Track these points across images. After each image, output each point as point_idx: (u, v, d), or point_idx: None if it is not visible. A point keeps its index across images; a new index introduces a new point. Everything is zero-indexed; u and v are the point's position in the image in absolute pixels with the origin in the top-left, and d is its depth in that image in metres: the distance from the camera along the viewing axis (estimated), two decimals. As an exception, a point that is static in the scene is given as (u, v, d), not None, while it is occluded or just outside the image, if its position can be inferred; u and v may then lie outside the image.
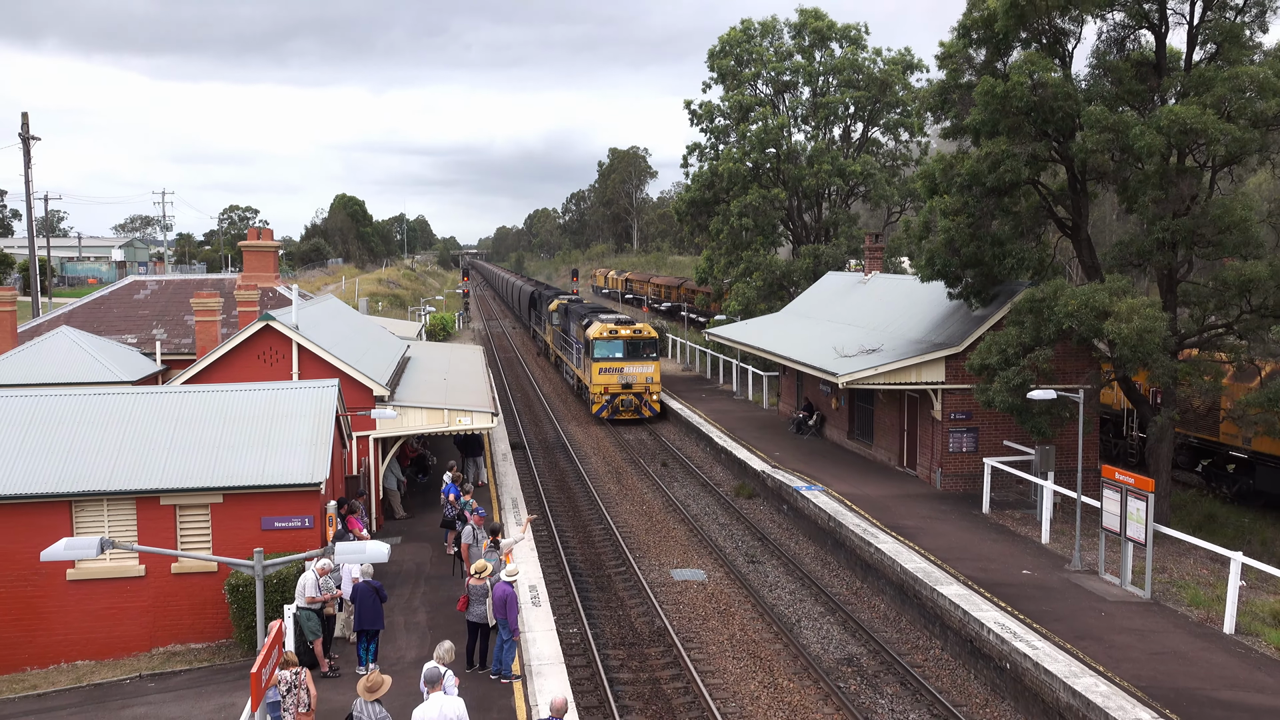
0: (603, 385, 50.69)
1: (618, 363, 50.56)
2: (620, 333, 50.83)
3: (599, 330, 50.85)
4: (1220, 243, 27.61)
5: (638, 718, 20.37)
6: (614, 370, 50.49)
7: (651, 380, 51.12)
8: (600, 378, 50.58)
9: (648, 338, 51.37)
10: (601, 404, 50.84)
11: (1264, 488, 32.41)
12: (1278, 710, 17.54)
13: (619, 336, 50.65)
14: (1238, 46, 27.90)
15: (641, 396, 50.95)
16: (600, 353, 50.40)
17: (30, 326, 38.34)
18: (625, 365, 50.62)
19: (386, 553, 13.13)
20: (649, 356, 51.15)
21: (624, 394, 50.74)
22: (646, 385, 50.96)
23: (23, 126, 53.81)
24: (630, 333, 51.04)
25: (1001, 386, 28.17)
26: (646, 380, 50.96)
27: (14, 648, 22.04)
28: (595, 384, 50.86)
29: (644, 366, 50.93)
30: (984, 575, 24.45)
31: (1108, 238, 48.94)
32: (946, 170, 30.86)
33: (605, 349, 50.43)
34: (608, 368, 50.49)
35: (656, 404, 51.57)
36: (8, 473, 22.08)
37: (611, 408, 50.84)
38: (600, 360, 50.44)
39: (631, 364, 50.71)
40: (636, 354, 50.77)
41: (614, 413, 50.89)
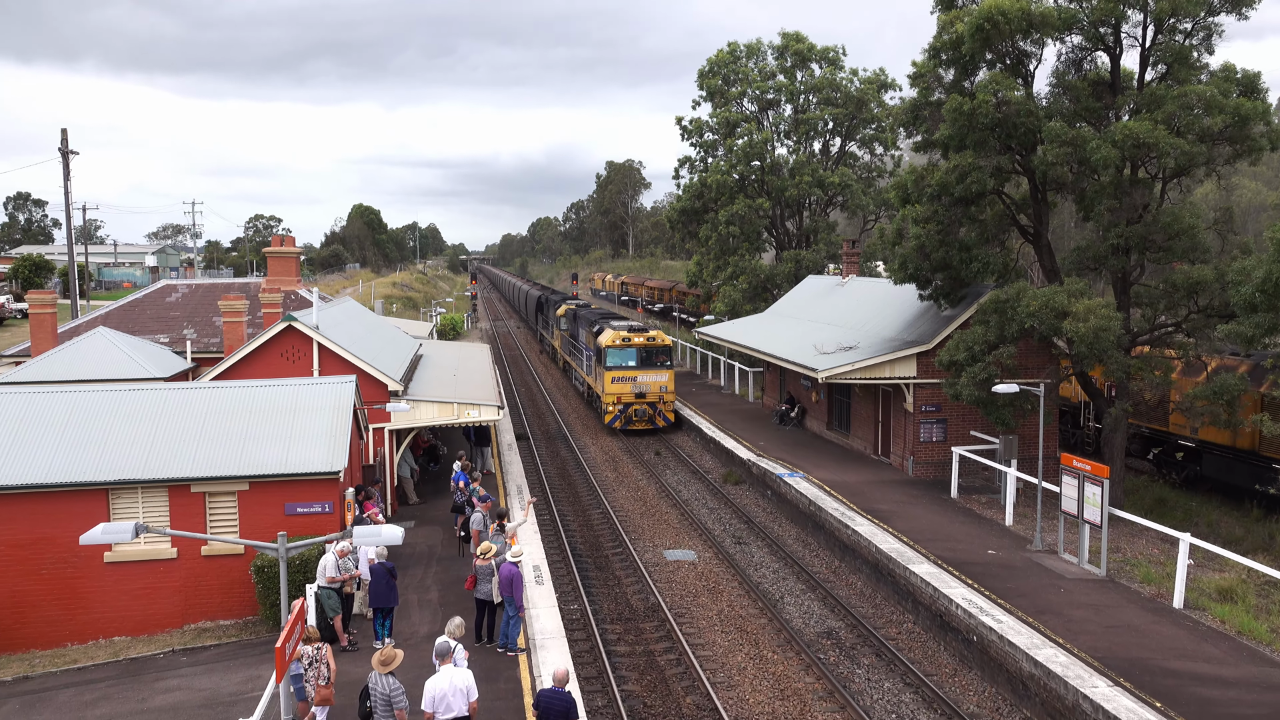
0: (616, 395, 45.25)
1: (631, 371, 45.16)
2: (633, 340, 45.40)
3: (611, 338, 45.38)
4: (1170, 248, 27.67)
5: (634, 687, 20.38)
6: (627, 379, 45.13)
7: (666, 389, 45.68)
8: (613, 387, 45.24)
9: (661, 345, 45.78)
10: (614, 414, 45.46)
11: (1210, 474, 32.49)
12: (1223, 678, 17.60)
13: (632, 344, 45.24)
14: (1186, 67, 27.92)
15: (655, 406, 45.53)
16: (613, 361, 45.09)
17: (70, 327, 38.25)
18: (639, 374, 45.18)
19: (401, 536, 13.13)
20: (662, 364, 45.64)
21: (638, 404, 45.31)
22: (660, 394, 45.54)
23: (62, 142, 53.67)
24: (643, 340, 45.51)
25: (968, 381, 28.21)
26: (660, 389, 45.51)
27: (56, 625, 22.03)
28: (608, 393, 45.45)
29: (658, 375, 45.40)
30: (952, 555, 24.49)
31: (1066, 244, 49.03)
32: (918, 181, 30.87)
33: (618, 357, 45.13)
34: (621, 376, 45.12)
35: (671, 413, 46.28)
36: (49, 463, 22.06)
37: (625, 418, 45.43)
38: (613, 369, 45.08)
39: (645, 372, 45.24)
40: (650, 362, 45.39)
41: (627, 423, 45.51)
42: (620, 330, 46.37)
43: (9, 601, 21.83)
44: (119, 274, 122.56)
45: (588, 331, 52.09)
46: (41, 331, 33.44)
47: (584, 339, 53.73)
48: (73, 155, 53.85)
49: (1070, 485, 24.08)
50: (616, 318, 55.94)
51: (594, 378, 49.59)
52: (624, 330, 46.46)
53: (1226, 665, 18.17)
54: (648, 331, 46.82)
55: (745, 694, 19.96)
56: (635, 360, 45.27)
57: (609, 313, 62.90)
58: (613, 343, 45.18)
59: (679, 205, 62.41)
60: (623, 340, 45.28)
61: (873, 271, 54.30)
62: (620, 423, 45.48)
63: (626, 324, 49.64)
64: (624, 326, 48.06)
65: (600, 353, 46.29)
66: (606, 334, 46.25)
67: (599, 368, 46.88)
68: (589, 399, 53.90)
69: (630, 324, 49.64)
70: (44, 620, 21.98)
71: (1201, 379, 30.30)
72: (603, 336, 46.39)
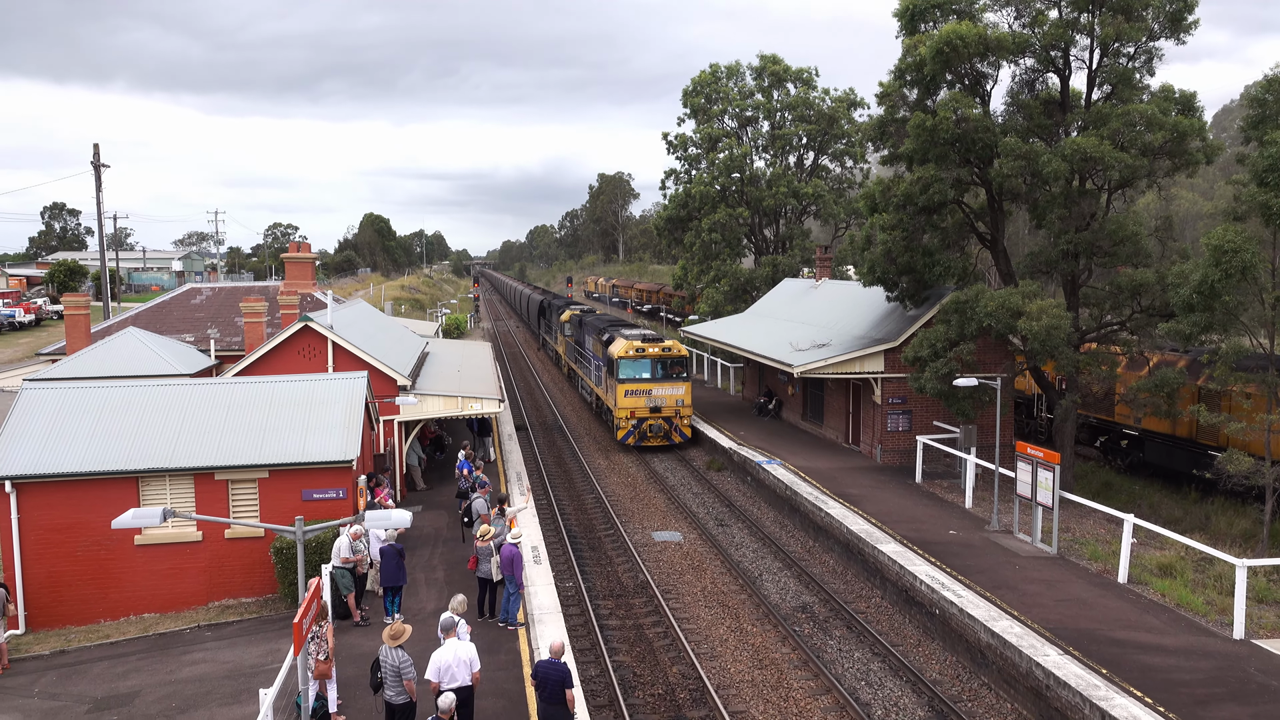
0: (629, 409, 39.58)
1: (645, 384, 39.42)
2: (648, 351, 39.53)
3: (624, 348, 39.54)
4: (1115, 253, 27.77)
5: (625, 658, 20.39)
6: (641, 393, 39.44)
7: (682, 403, 39.96)
8: (626, 401, 39.51)
9: (677, 356, 39.94)
10: (628, 430, 39.79)
11: (1152, 460, 32.64)
12: (1163, 646, 17.71)
13: (646, 355, 39.47)
14: (1130, 87, 28.01)
15: (671, 421, 39.94)
16: (626, 373, 39.41)
17: (102, 327, 38.04)
18: (654, 387, 39.41)
19: (409, 520, 13.11)
20: (679, 376, 39.93)
21: (653, 419, 39.71)
22: (677, 409, 39.94)
23: (94, 156, 53.31)
24: (659, 351, 39.63)
25: (931, 375, 28.28)
26: (677, 403, 39.83)
27: (90, 603, 21.95)
28: (620, 408, 39.72)
29: (674, 388, 39.68)
30: (917, 535, 24.55)
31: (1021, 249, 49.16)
32: (885, 192, 30.92)
33: (631, 369, 39.38)
34: (635, 389, 39.38)
35: (688, 429, 40.46)
36: (84, 453, 21.96)
37: (639, 434, 39.83)
38: (626, 381, 39.40)
39: (660, 385, 39.49)
40: (665, 374, 39.74)
41: (641, 439, 39.95)
42: (633, 340, 40.34)
43: (47, 581, 21.74)
44: (147, 278, 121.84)
45: (596, 340, 46.60)
46: (76, 331, 33.25)
47: (591, 347, 48.41)
48: (104, 168, 53.49)
49: (1025, 471, 24.16)
50: (626, 325, 49.51)
51: (605, 390, 43.85)
52: (637, 340, 40.37)
53: (1166, 635, 18.27)
54: (663, 342, 40.60)
55: (727, 664, 19.99)
56: (650, 373, 39.58)
57: (617, 319, 55.61)
58: (626, 354, 39.38)
59: (665, 214, 62.32)
60: (636, 351, 39.50)
61: (844, 275, 54.35)
62: (634, 439, 40.05)
63: (639, 333, 42.88)
64: (637, 336, 41.69)
65: (612, 364, 40.65)
66: (619, 344, 40.63)
67: (610, 380, 41.37)
68: (597, 410, 48.09)
69: (644, 333, 42.69)
70: (79, 599, 21.89)
71: (1144, 373, 30.46)
72: (615, 347, 40.97)
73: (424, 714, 14.60)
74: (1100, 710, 15.06)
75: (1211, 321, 22.51)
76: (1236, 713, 15.07)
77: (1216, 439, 29.00)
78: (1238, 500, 27.76)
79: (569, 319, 58.40)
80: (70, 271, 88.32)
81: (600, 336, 45.45)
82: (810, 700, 18.25)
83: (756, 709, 17.97)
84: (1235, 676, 16.41)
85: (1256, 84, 23.36)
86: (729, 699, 18.33)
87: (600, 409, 47.01)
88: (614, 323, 51.08)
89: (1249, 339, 23.85)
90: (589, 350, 49.15)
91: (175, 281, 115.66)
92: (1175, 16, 27.07)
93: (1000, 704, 17.80)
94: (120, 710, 16.84)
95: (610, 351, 41.22)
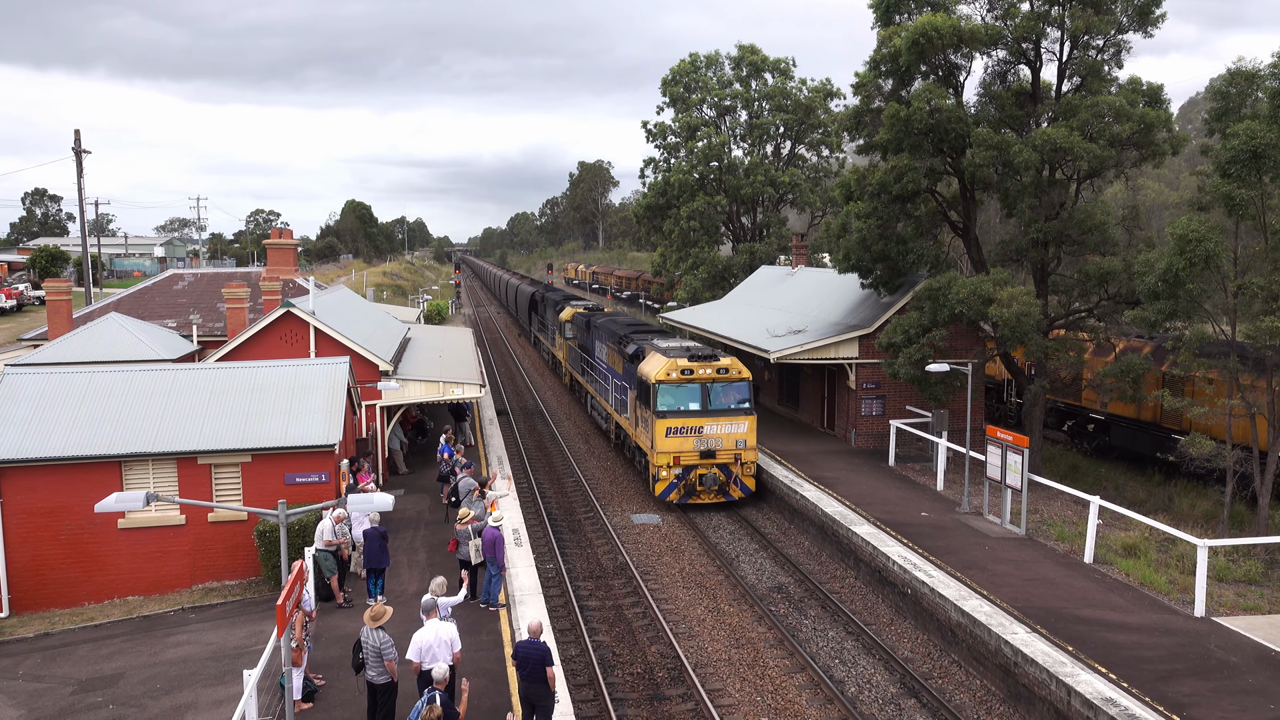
0: (672, 454, 28.35)
1: (694, 418, 28.35)
2: (698, 373, 28.57)
3: (664, 368, 28.61)
4: (1083, 242, 27.97)
5: (604, 638, 20.46)
6: (688, 431, 28.33)
7: (744, 445, 28.59)
8: (668, 443, 28.30)
9: (738, 378, 28.83)
10: (669, 482, 28.44)
11: (1118, 443, 32.99)
12: (1127, 624, 17.94)
13: (696, 379, 28.54)
14: (1099, 79, 28.16)
15: (729, 470, 28.58)
16: (667, 402, 28.39)
17: (84, 313, 37.62)
18: (706, 422, 28.37)
19: (392, 503, 13.07)
20: (740, 407, 28.70)
21: (703, 466, 28.48)
22: (737, 452, 28.55)
23: (76, 142, 52.59)
24: (712, 373, 28.69)
25: (905, 361, 28.43)
26: (737, 445, 28.49)
27: (74, 586, 21.79)
28: (660, 452, 28.34)
29: (733, 423, 28.46)
30: (890, 517, 24.72)
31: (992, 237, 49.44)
32: (860, 181, 30.97)
33: (674, 397, 28.47)
34: (679, 426, 28.29)
35: (751, 479, 29.00)
36: (67, 437, 21.76)
37: (685, 487, 28.54)
38: (667, 415, 28.29)
39: (715, 420, 28.40)
40: (722, 404, 28.63)
41: (688, 494, 28.65)
42: (678, 359, 29.08)
43: (31, 565, 21.56)
44: (129, 264, 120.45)
45: (614, 350, 35.93)
46: (58, 317, 32.88)
47: (605, 358, 38.08)
48: (85, 154, 52.76)
49: (994, 454, 24.35)
50: (657, 332, 37.23)
51: (634, 422, 32.15)
52: (682, 358, 29.13)
53: (1130, 613, 18.51)
54: (716, 360, 29.19)
55: (704, 643, 20.10)
56: (700, 402, 28.61)
57: (640, 323, 41.35)
58: (667, 377, 28.50)
59: (645, 202, 62.21)
60: (683, 374, 28.57)
61: (819, 262, 54.47)
62: (678, 494, 28.63)
63: (682, 345, 31.56)
64: (679, 350, 30.34)
65: (646, 390, 29.40)
66: (655, 362, 29.59)
67: (643, 410, 30.17)
68: (617, 442, 36.54)
69: (688, 345, 31.60)
70: (63, 582, 21.72)
71: (1110, 359, 30.75)
72: (650, 365, 29.78)
73: (405, 694, 14.61)
74: (1066, 686, 15.26)
75: (1176, 309, 22.73)
76: (1197, 687, 15.31)
77: (1180, 423, 29.34)
78: (1200, 482, 28.12)
79: (572, 319, 47.89)
80: (52, 257, 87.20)
81: (622, 347, 34.49)
82: (785, 678, 18.39)
83: (733, 687, 18.09)
84: (1196, 653, 16.65)
85: (1220, 77, 23.55)
86: (706, 677, 18.44)
87: (622, 442, 35.18)
88: (637, 327, 38.55)
89: (1212, 326, 24.11)
90: (601, 361, 39.03)
91: (157, 267, 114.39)
92: (1143, 10, 27.24)
93: (970, 681, 18.00)
94: (105, 692, 16.74)
95: (643, 372, 30.08)
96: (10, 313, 70.42)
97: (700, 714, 17.00)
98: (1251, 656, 16.49)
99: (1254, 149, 20.93)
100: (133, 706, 16.06)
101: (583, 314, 46.74)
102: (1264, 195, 21.62)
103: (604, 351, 38.40)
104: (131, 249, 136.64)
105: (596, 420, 41.25)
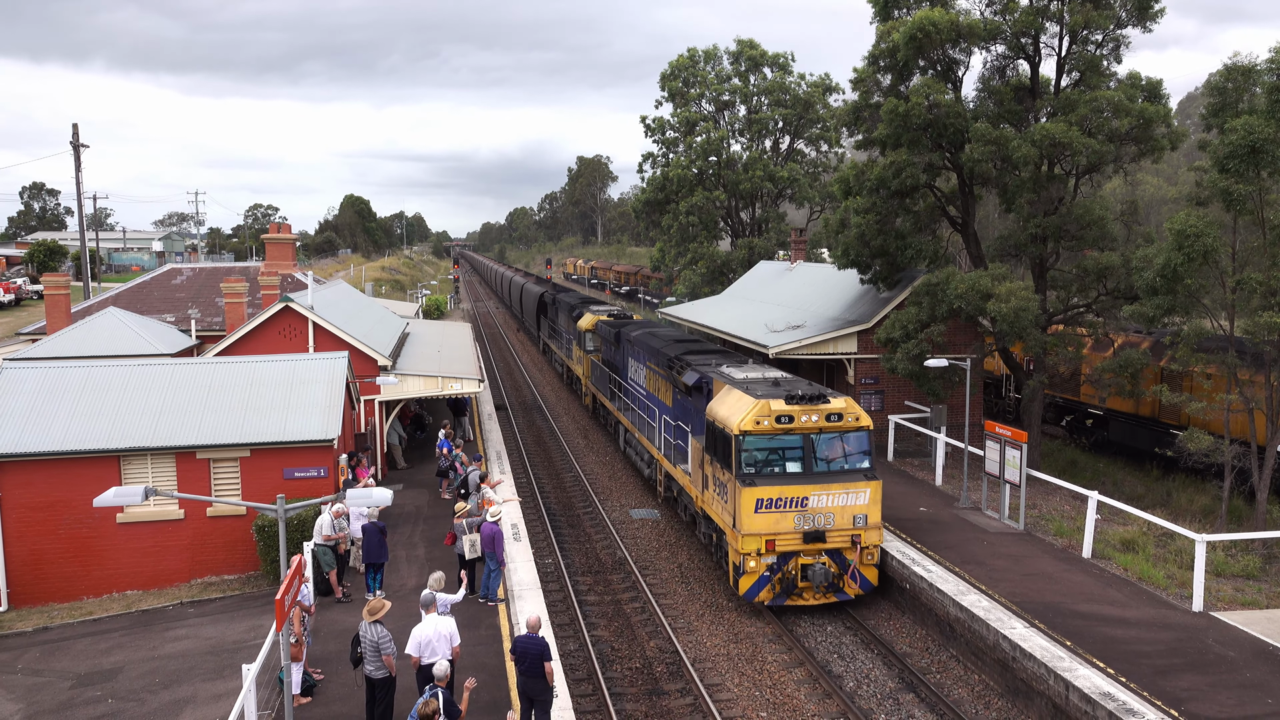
0: (763, 537, 20.05)
1: (795, 485, 20.14)
2: (800, 420, 20.32)
3: (753, 414, 20.23)
4: (1082, 237, 27.97)
5: (603, 633, 20.46)
6: (787, 504, 20.03)
7: (864, 521, 20.47)
8: (757, 520, 19.99)
9: (855, 427, 20.68)
10: (759, 575, 20.35)
11: (1116, 439, 33.02)
12: (1125, 619, 17.95)
13: (797, 429, 20.32)
14: (1097, 74, 28.14)
15: (844, 558, 20.57)
16: (753, 460, 20.23)
17: (82, 307, 37.55)
18: (812, 491, 20.16)
19: (390, 498, 13.04)
20: (859, 468, 20.67)
21: (808, 553, 20.36)
22: (854, 533, 20.43)
23: (74, 135, 52.45)
24: (819, 420, 20.41)
25: (903, 356, 28.41)
26: (854, 522, 20.41)
27: (73, 580, 21.78)
28: (748, 534, 20.05)
29: (849, 492, 20.34)
30: (888, 512, 24.67)
31: (990, 233, 49.43)
32: (859, 176, 30.94)
33: (766, 454, 20.28)
34: (774, 497, 19.98)
35: (873, 569, 20.93)
36: (65, 432, 21.74)
37: (781, 582, 20.45)
38: (757, 479, 20.13)
39: (824, 488, 20.23)
40: (834, 464, 20.53)
41: (785, 592, 20.52)
42: (770, 398, 20.58)
43: (30, 559, 21.54)
44: (127, 258, 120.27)
45: (663, 376, 27.40)
46: (56, 311, 32.81)
47: (645, 382, 29.99)
48: (83, 148, 52.64)
49: (993, 449, 24.36)
50: (718, 353, 27.42)
51: (700, 481, 23.16)
52: (778, 399, 20.55)
53: (1128, 608, 18.52)
54: (826, 402, 20.69)
55: (703, 638, 20.09)
56: (802, 461, 20.36)
57: (693, 339, 31.34)
58: (757, 426, 20.12)
59: (643, 197, 62.15)
60: (779, 421, 20.19)
61: (818, 257, 54.47)
62: (770, 593, 20.47)
63: (767, 377, 22.69)
64: (768, 386, 21.77)
65: (727, 444, 20.69)
66: (738, 403, 20.94)
67: (719, 470, 21.35)
68: (667, 495, 27.91)
69: (777, 378, 22.59)
70: (61, 576, 21.71)
71: (1109, 354, 30.76)
72: (729, 407, 21.16)
73: (403, 688, 14.60)
74: (1065, 681, 15.26)
75: (1174, 304, 22.73)
76: (1195, 682, 15.32)
77: (1178, 418, 29.35)
78: (1198, 477, 28.14)
79: (594, 328, 39.66)
80: (50, 251, 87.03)
81: (674, 373, 25.80)
82: (784, 673, 18.39)
83: (732, 682, 18.09)
84: (1194, 648, 16.66)
85: (1218, 72, 23.53)
86: (705, 672, 18.44)
87: (680, 502, 26.24)
88: (690, 346, 28.64)
89: (1210, 321, 24.11)
90: (638, 387, 31.10)
91: (156, 262, 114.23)
92: (1142, 4, 27.21)
93: (968, 675, 18.01)
94: (103, 686, 16.73)
95: (717, 416, 21.34)
96: (8, 307, 70.31)
97: (699, 709, 17.01)
98: (1249, 651, 16.51)
99: (1252, 144, 20.91)
100: (131, 700, 16.05)
101: (609, 323, 37.88)
102: (1262, 190, 21.62)
103: (642, 374, 30.47)
104: (129, 243, 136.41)
105: (634, 460, 32.13)
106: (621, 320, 39.45)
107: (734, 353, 28.80)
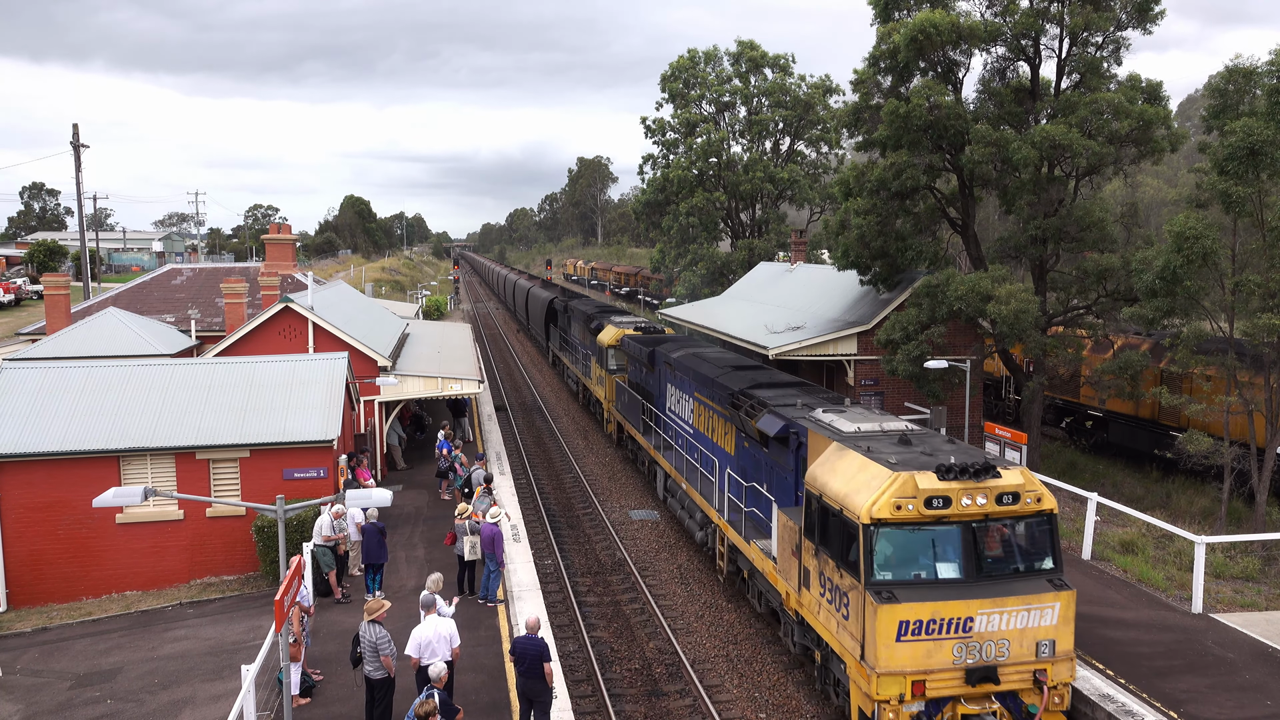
0: (908, 676, 12.83)
1: (952, 602, 12.95)
2: (961, 504, 13.14)
3: (891, 494, 13.11)
4: (1082, 239, 27.99)
5: (602, 634, 20.46)
6: (943, 627, 12.85)
7: (1050, 650, 13.25)
8: (901, 652, 12.81)
9: (1034, 511, 13.52)
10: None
11: (1115, 440, 33.03)
12: (1124, 620, 17.95)
13: (955, 515, 13.18)
14: (1097, 76, 28.16)
15: (1018, 702, 13.21)
16: (895, 565, 13.19)
17: (82, 307, 37.57)
18: (978, 609, 12.94)
19: (390, 498, 13.06)
20: (1040, 570, 13.58)
21: (970, 699, 13.09)
22: (1037, 666, 13.22)
23: (74, 136, 52.47)
24: (987, 502, 13.22)
25: (903, 357, 28.42)
26: (1037, 651, 13.20)
27: (72, 581, 21.78)
28: (885, 669, 12.82)
29: (1031, 608, 13.10)
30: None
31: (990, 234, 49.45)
32: (859, 177, 30.96)
33: (911, 552, 13.24)
34: (925, 619, 12.82)
35: (1061, 713, 13.44)
36: (65, 432, 21.74)
37: None
38: (898, 594, 12.94)
39: (995, 602, 13.01)
40: (1005, 566, 13.48)
41: None
42: (914, 469, 13.60)
43: (29, 559, 21.54)
44: (127, 259, 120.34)
45: (726, 418, 21.65)
46: (56, 311, 32.83)
47: (693, 418, 24.80)
48: (83, 148, 52.67)
49: (993, 451, 24.35)
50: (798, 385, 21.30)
51: (798, 577, 15.96)
52: (926, 471, 13.51)
53: (1128, 609, 18.52)
54: (995, 475, 13.56)
55: (701, 639, 20.09)
56: (962, 565, 13.37)
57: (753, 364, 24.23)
58: (896, 512, 13.18)
59: (644, 198, 62.18)
60: (930, 505, 13.21)
61: (818, 259, 54.47)
62: None
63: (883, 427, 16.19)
64: (897, 445, 14.95)
65: (851, 537, 13.64)
66: (861, 472, 14.06)
67: (839, 573, 14.11)
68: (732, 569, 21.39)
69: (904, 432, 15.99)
70: (61, 576, 21.71)
71: (1108, 356, 30.76)
72: (851, 480, 14.11)
73: (403, 689, 14.61)
74: (1063, 682, 15.23)
75: (1174, 306, 22.75)
76: (1195, 683, 15.32)
77: (1177, 420, 29.36)
78: (1197, 479, 28.15)
79: (620, 344, 34.36)
80: (50, 251, 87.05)
81: (742, 413, 20.13)
82: (783, 674, 18.39)
83: (731, 683, 18.09)
84: (1193, 649, 16.67)
85: (1218, 74, 23.56)
86: (704, 673, 18.45)
87: (753, 586, 19.84)
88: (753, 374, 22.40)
89: (1209, 323, 24.13)
90: (684, 424, 25.62)
91: (156, 262, 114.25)
92: (1142, 7, 27.25)
93: (967, 677, 17.95)
94: (102, 686, 16.74)
95: (830, 492, 14.42)
96: (8, 307, 70.33)
97: (698, 710, 17.01)
98: (1248, 653, 16.51)
99: (1251, 146, 20.94)
100: (130, 701, 16.05)
101: (637, 339, 32.20)
102: (1261, 192, 21.64)
103: (688, 407, 25.04)
104: (129, 244, 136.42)
105: (678, 515, 25.72)
106: (654, 336, 33.09)
107: (814, 385, 21.96)
